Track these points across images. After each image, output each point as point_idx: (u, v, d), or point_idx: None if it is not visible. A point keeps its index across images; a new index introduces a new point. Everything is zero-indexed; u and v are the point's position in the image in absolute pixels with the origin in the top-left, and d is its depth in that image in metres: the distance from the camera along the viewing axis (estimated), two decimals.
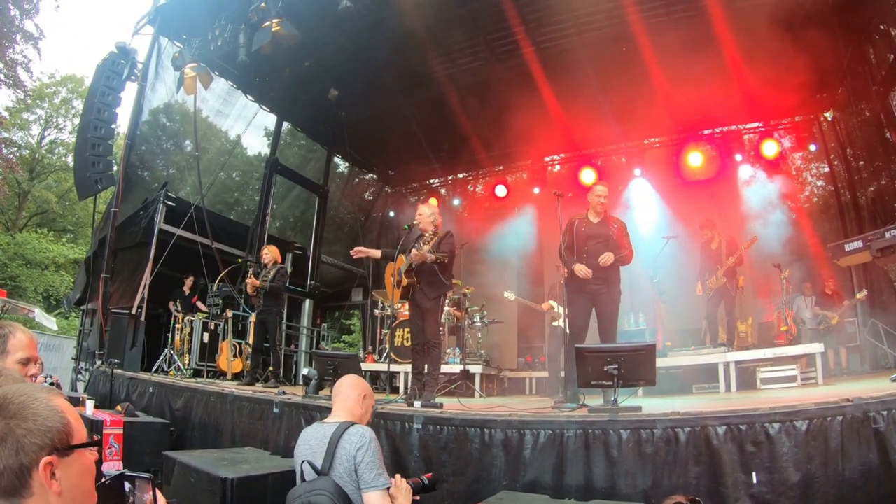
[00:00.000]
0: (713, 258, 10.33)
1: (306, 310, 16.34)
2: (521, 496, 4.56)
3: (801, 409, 4.21)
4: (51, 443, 1.56)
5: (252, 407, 7.44)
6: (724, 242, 10.27)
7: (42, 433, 1.55)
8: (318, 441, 3.76)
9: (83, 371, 11.76)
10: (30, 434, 1.53)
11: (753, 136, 13.81)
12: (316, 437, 3.80)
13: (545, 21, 11.09)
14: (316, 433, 3.85)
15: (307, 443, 3.83)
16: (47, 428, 1.56)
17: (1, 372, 2.19)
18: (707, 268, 10.43)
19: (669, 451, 4.44)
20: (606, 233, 7.21)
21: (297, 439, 3.92)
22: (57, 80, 35.29)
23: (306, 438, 3.87)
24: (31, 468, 1.52)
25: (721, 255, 10.18)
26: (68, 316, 29.62)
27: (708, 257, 10.46)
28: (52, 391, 1.68)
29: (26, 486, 1.51)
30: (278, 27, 9.79)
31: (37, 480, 1.52)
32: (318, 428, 3.90)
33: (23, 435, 1.52)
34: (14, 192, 31.67)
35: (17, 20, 21.58)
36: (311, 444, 3.78)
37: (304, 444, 3.85)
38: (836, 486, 3.96)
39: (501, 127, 13.10)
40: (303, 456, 3.75)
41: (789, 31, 9.61)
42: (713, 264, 10.29)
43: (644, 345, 5.47)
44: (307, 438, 3.86)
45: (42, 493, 1.53)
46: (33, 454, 1.52)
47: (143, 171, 14.13)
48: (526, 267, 15.32)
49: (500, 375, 12.29)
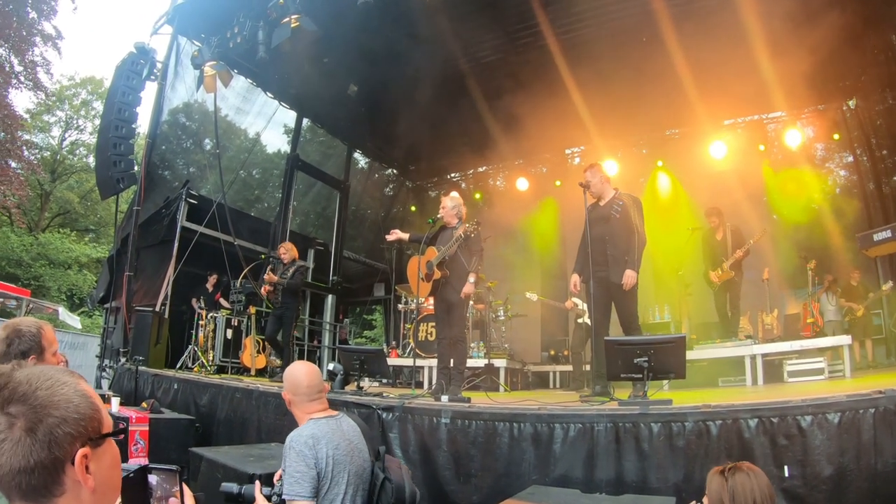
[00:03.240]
0: (718, 249, 10.22)
1: (329, 305, 16.39)
2: (551, 491, 4.54)
3: (833, 402, 4.16)
4: (85, 432, 1.36)
5: (278, 402, 7.44)
6: (730, 233, 10.17)
7: (76, 422, 1.35)
8: (353, 433, 3.75)
9: (108, 368, 11.83)
10: (63, 423, 1.33)
11: (776, 126, 13.69)
12: (350, 431, 3.76)
13: (565, 11, 11.02)
14: (340, 426, 3.74)
15: (345, 438, 3.68)
16: (80, 415, 1.36)
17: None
18: (710, 258, 10.34)
19: (701, 445, 4.40)
20: (607, 214, 7.04)
21: (323, 440, 3.56)
22: (77, 82, 35.63)
23: (341, 435, 3.68)
24: (65, 462, 1.32)
25: (726, 245, 10.06)
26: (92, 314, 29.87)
27: (712, 247, 10.36)
28: (75, 374, 1.48)
29: (59, 483, 1.32)
30: (297, 23, 9.79)
31: (70, 476, 1.33)
32: (335, 423, 3.75)
33: (55, 425, 1.32)
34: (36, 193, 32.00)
35: (35, 22, 21.75)
36: (351, 438, 3.71)
37: (340, 439, 3.64)
38: (868, 479, 3.91)
39: (522, 119, 13.01)
40: (349, 451, 3.62)
41: (811, 18, 9.48)
42: (716, 255, 10.19)
43: (674, 337, 5.43)
44: (342, 435, 3.69)
45: (75, 490, 1.34)
46: (67, 446, 1.32)
47: (163, 170, 14.22)
48: (548, 260, 15.29)
49: (524, 369, 12.27)
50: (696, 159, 13.91)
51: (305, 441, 3.48)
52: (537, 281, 14.93)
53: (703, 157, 13.69)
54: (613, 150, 14.91)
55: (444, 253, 7.30)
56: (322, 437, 3.53)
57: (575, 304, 10.55)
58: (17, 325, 3.14)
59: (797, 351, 8.41)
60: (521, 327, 13.78)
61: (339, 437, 3.62)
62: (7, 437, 1.29)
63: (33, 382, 1.35)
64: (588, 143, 15.60)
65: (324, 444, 3.50)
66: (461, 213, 7.67)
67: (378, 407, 6.10)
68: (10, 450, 1.28)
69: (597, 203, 7.26)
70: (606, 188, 7.23)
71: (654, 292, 12.33)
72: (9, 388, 1.34)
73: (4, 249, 29.00)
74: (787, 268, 12.13)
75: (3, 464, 1.28)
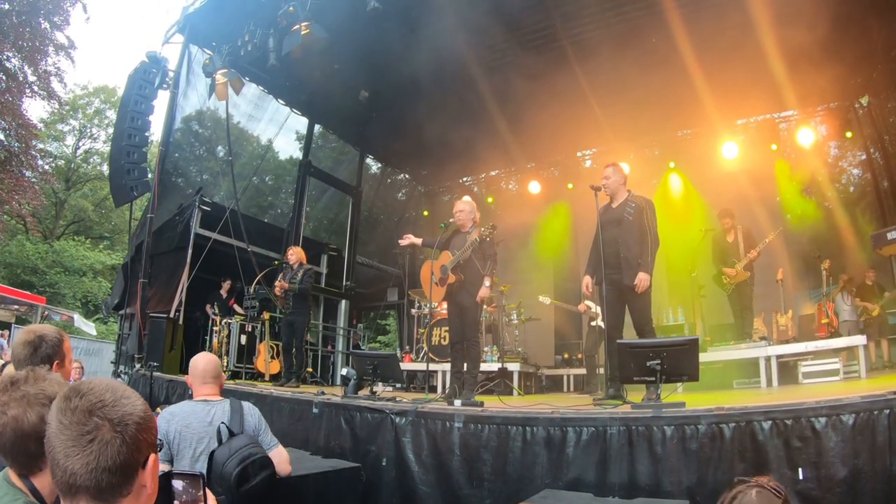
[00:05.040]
0: (729, 250, 10.17)
1: (342, 310, 16.41)
2: (564, 495, 4.53)
3: (847, 403, 4.12)
4: (153, 440, 1.56)
5: (291, 407, 7.49)
6: (742, 235, 10.13)
7: (150, 430, 1.54)
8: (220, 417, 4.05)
9: (122, 374, 11.91)
10: (142, 430, 1.51)
11: (789, 125, 13.63)
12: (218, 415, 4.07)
13: (576, 13, 11.03)
14: (208, 410, 4.09)
15: (204, 420, 4.01)
16: (151, 426, 1.55)
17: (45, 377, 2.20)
18: (720, 260, 10.29)
19: (714, 448, 4.37)
20: (619, 217, 6.99)
21: (177, 417, 4.00)
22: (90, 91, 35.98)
23: (200, 417, 4.03)
24: (139, 465, 1.50)
25: (738, 247, 10.02)
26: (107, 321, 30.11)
27: (723, 249, 10.31)
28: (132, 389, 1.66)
29: (130, 484, 1.48)
30: (307, 30, 9.85)
31: (140, 479, 1.50)
32: (203, 406, 4.12)
33: (138, 431, 1.49)
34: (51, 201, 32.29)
35: (48, 32, 21.94)
36: (213, 421, 4.01)
37: (195, 420, 4.00)
38: (884, 481, 3.86)
39: (533, 122, 13.03)
40: (200, 431, 3.96)
41: (822, 15, 9.42)
42: (728, 257, 10.15)
43: (687, 339, 5.41)
44: (203, 417, 4.03)
45: (139, 491, 1.50)
46: (145, 450, 1.52)
47: (177, 177, 14.33)
48: (561, 263, 15.29)
49: (538, 373, 12.27)
50: (708, 160, 13.85)
51: (163, 415, 3.97)
52: (550, 284, 14.93)
53: (715, 158, 13.64)
54: (625, 152, 14.85)
55: (459, 257, 7.34)
56: (178, 415, 3.98)
57: (588, 307, 10.54)
58: (41, 331, 3.21)
59: (812, 352, 8.34)
60: (534, 331, 13.76)
61: (194, 418, 3.98)
62: (97, 437, 1.43)
63: (115, 392, 1.53)
64: (600, 146, 15.60)
65: (176, 421, 3.93)
66: (475, 217, 7.72)
67: (391, 412, 6.11)
68: (99, 449, 1.43)
69: (609, 205, 7.21)
70: (621, 189, 7.18)
71: (668, 294, 12.29)
72: (94, 393, 1.50)
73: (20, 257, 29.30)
74: (801, 268, 12.06)
75: (90, 461, 1.41)
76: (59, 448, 1.43)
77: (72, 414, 1.45)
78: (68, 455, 1.42)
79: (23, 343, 3.11)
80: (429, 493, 5.53)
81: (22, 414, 1.98)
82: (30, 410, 1.98)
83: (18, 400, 2.02)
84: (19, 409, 1.99)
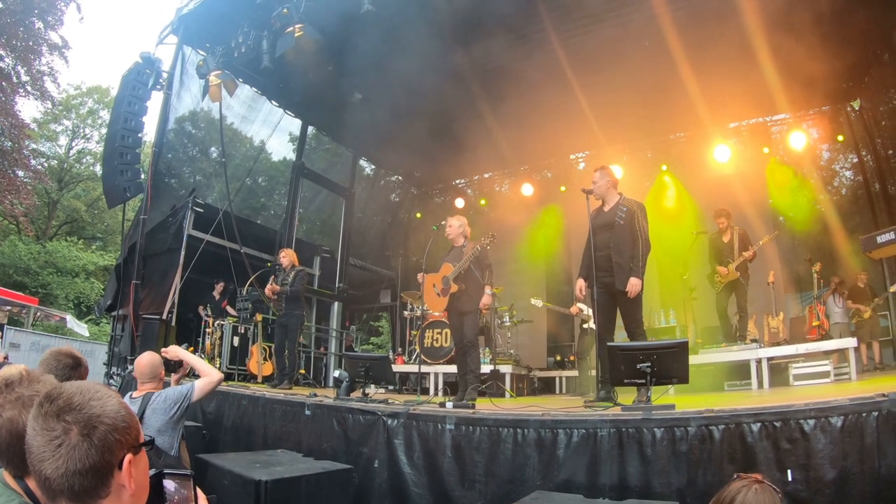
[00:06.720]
0: (724, 250, 10.20)
1: (335, 312, 16.40)
2: (554, 496, 4.54)
3: (835, 405, 4.13)
4: (128, 441, 1.54)
5: (284, 409, 7.49)
6: (738, 236, 10.16)
7: (123, 430, 1.53)
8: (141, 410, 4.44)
9: (115, 376, 11.88)
10: (114, 431, 1.50)
11: (781, 128, 13.68)
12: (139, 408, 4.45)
13: (569, 16, 11.02)
14: (134, 403, 4.51)
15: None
16: (126, 425, 1.54)
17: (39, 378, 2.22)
18: (716, 259, 10.32)
19: (704, 450, 4.39)
20: (611, 221, 6.95)
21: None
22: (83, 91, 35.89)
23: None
24: (114, 467, 1.49)
25: (732, 248, 10.05)
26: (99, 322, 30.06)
27: (719, 249, 10.34)
28: (111, 389, 1.64)
29: (106, 486, 1.48)
30: (301, 32, 9.87)
31: (116, 480, 1.49)
32: (136, 401, 4.54)
33: (107, 432, 1.48)
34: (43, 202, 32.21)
35: (42, 32, 21.91)
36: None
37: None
38: (872, 482, 3.88)
39: (526, 125, 13.05)
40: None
41: (814, 19, 9.45)
42: (723, 257, 10.19)
43: (677, 342, 5.43)
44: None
45: (118, 492, 1.50)
46: (117, 452, 1.50)
47: (170, 178, 14.31)
48: (553, 266, 15.33)
49: (530, 375, 12.28)
50: (700, 163, 13.92)
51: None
52: (542, 286, 14.96)
53: (707, 161, 13.70)
54: (618, 155, 14.92)
55: (461, 267, 7.62)
56: None
57: (580, 310, 10.55)
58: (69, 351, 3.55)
59: (802, 354, 8.39)
60: (526, 333, 13.80)
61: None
62: (64, 442, 1.44)
63: (85, 394, 1.53)
64: (593, 148, 15.61)
65: None
66: (466, 233, 8.09)
67: (383, 413, 6.11)
68: (67, 453, 1.44)
69: (601, 208, 7.16)
70: (611, 193, 7.11)
71: (660, 297, 12.32)
72: (63, 398, 1.50)
73: (12, 258, 29.19)
74: (793, 270, 12.11)
75: (59, 466, 1.43)
76: (34, 453, 1.46)
77: (43, 420, 1.48)
78: (42, 460, 1.45)
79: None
80: (421, 494, 5.54)
81: (17, 415, 2.00)
82: (24, 412, 1.98)
83: (13, 402, 2.04)
84: (14, 410, 2.01)
